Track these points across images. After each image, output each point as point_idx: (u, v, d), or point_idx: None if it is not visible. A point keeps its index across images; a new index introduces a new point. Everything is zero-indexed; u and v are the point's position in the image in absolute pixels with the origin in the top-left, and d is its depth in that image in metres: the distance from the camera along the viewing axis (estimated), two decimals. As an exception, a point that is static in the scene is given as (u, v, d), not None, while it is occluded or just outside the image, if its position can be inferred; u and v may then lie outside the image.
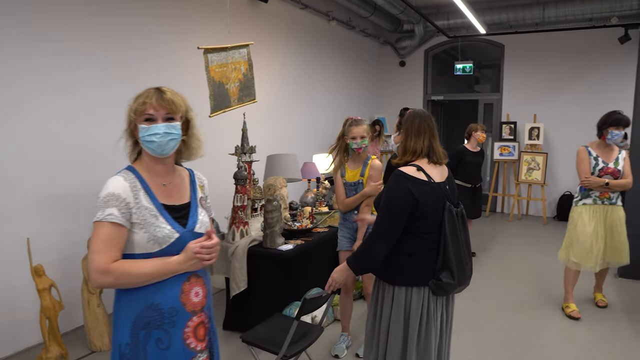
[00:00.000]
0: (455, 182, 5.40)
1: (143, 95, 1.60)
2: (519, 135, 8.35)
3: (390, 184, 2.18)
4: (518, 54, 8.43)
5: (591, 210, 3.94)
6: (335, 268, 2.33)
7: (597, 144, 3.94)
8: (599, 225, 3.91)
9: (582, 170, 3.90)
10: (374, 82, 9.17)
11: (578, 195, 4.06)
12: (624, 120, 3.76)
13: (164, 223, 1.60)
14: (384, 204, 2.18)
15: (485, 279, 5.02)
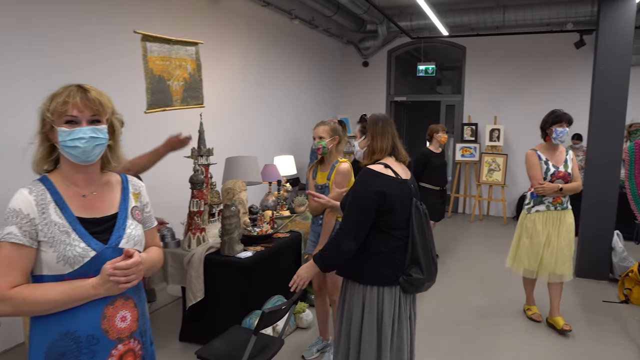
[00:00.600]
0: (423, 185, 5.41)
1: (63, 94, 1.38)
2: (480, 137, 8.45)
3: (357, 180, 2.23)
4: (479, 56, 8.53)
5: (545, 218, 3.75)
6: (302, 265, 2.32)
7: (545, 147, 3.78)
8: (552, 232, 3.73)
9: (534, 176, 3.70)
10: (337, 82, 9.10)
11: (530, 202, 3.84)
12: (565, 117, 3.63)
13: (76, 240, 1.38)
14: (351, 200, 2.21)
15: (449, 281, 5.01)
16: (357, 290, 2.25)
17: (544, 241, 3.72)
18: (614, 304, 4.50)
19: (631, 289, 4.53)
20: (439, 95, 9.08)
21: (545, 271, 3.76)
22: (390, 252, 2.21)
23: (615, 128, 4.98)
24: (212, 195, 3.58)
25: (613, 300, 4.60)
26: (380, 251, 2.20)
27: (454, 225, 7.84)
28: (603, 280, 5.07)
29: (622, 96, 4.94)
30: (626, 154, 3.32)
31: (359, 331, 2.24)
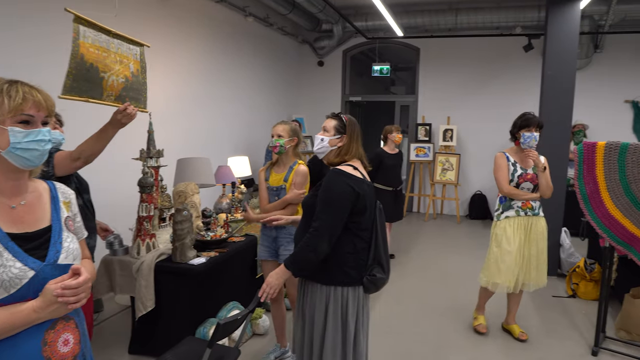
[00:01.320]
0: (377, 185, 5.40)
1: (18, 90, 1.24)
2: (434, 137, 8.58)
3: (328, 181, 2.20)
4: (433, 57, 8.66)
5: (515, 224, 3.53)
6: (270, 272, 2.25)
7: (515, 150, 3.62)
8: (524, 240, 3.53)
9: (501, 178, 3.54)
10: (292, 82, 9.01)
11: (499, 208, 3.63)
12: (534, 121, 3.47)
13: (10, 260, 1.22)
14: (324, 201, 2.17)
15: (405, 282, 5.03)
16: (319, 292, 2.21)
17: (515, 249, 3.49)
18: (562, 299, 4.64)
19: (578, 284, 4.69)
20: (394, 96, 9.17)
21: (519, 283, 3.56)
22: (357, 252, 2.21)
23: (562, 129, 5.15)
24: (162, 199, 3.42)
25: (562, 295, 4.75)
26: (349, 252, 2.19)
27: (409, 224, 7.92)
28: (552, 276, 5.21)
29: (568, 99, 5.12)
30: (575, 154, 3.40)
31: (321, 334, 2.21)
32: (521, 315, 4.11)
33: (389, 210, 5.42)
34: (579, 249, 5.41)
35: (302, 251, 2.18)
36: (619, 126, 7.96)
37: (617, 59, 7.88)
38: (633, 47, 7.80)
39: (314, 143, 2.39)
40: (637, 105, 7.86)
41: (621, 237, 3.30)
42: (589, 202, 3.36)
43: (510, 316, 3.83)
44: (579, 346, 3.67)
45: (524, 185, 3.52)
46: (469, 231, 7.51)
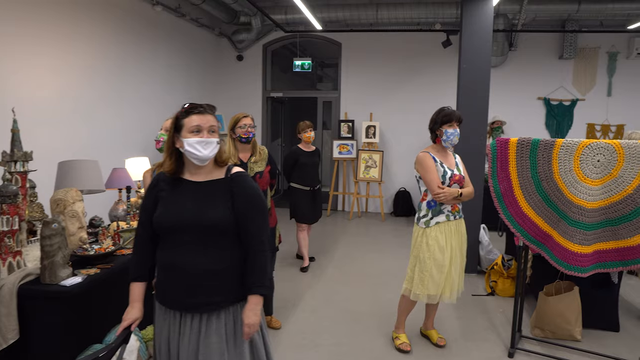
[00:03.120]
0: (293, 185, 5.10)
1: None
2: (357, 134, 8.44)
3: (258, 189, 2.12)
4: (355, 52, 8.51)
5: (445, 230, 3.24)
6: (246, 310, 1.98)
7: (436, 149, 3.32)
8: (455, 246, 3.28)
9: (433, 180, 3.17)
10: (210, 77, 8.52)
11: (427, 213, 3.25)
12: (455, 115, 3.23)
13: None
14: (263, 211, 2.07)
15: (323, 287, 4.79)
16: (240, 310, 2.03)
17: (449, 257, 3.23)
18: (481, 297, 4.59)
19: (496, 281, 4.66)
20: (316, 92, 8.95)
21: (448, 291, 3.29)
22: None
23: (479, 124, 5.12)
24: (32, 210, 2.93)
25: (481, 293, 4.70)
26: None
27: (333, 224, 7.73)
28: (472, 274, 5.19)
29: (484, 94, 5.11)
30: (489, 151, 3.28)
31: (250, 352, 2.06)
32: (440, 317, 3.98)
33: (306, 211, 5.18)
34: (497, 244, 5.42)
35: (266, 270, 2.03)
36: (533, 122, 8.21)
37: (530, 57, 8.11)
38: (544, 45, 8.06)
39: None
40: (548, 101, 8.13)
41: (534, 235, 3.22)
42: (503, 200, 3.26)
43: (429, 321, 3.66)
44: (496, 348, 3.58)
45: (454, 187, 3.25)
46: (393, 229, 7.43)
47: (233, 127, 3.45)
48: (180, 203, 1.97)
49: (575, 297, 3.63)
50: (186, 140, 1.93)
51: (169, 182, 2.02)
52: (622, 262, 3.04)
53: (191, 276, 1.93)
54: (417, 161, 3.29)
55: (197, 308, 1.95)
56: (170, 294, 1.97)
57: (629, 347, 3.61)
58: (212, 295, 1.95)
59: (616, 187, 2.95)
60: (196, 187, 2.00)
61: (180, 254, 1.94)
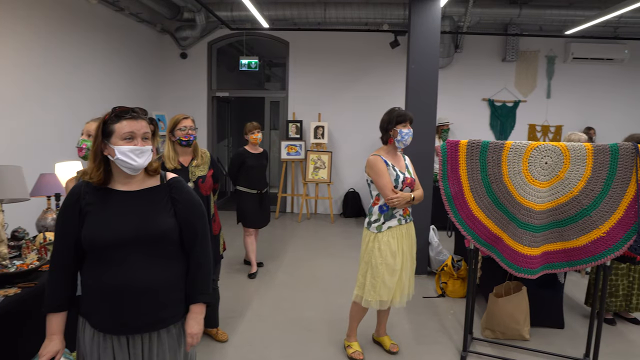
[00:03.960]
0: (240, 189, 4.90)
1: None
2: (305, 134, 8.32)
3: (193, 192, 2.04)
4: (303, 52, 8.38)
5: (397, 234, 3.16)
6: (189, 319, 1.90)
7: (386, 151, 3.21)
8: (405, 249, 3.21)
9: (386, 185, 3.07)
10: (152, 76, 8.13)
11: (379, 218, 3.15)
12: (408, 116, 3.15)
13: None
14: (204, 214, 1.98)
15: (274, 294, 4.62)
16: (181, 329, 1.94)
17: (400, 262, 3.16)
18: (432, 299, 4.57)
19: (447, 283, 4.66)
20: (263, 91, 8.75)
21: (399, 296, 3.22)
22: None
23: (427, 125, 5.11)
24: (-62, 222, 2.61)
25: (431, 295, 4.68)
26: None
27: (282, 226, 7.56)
28: (422, 275, 5.18)
29: (432, 94, 5.11)
30: (440, 153, 3.23)
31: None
32: (392, 321, 3.92)
33: (254, 215, 4.99)
34: (446, 244, 5.44)
35: (210, 277, 1.95)
36: (478, 123, 8.38)
37: (475, 59, 8.27)
38: (488, 48, 8.25)
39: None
40: (492, 103, 8.33)
41: (484, 238, 3.20)
42: (454, 203, 3.22)
43: (381, 327, 3.57)
44: (448, 351, 3.55)
45: (406, 190, 3.16)
46: (343, 230, 7.36)
47: (172, 129, 3.24)
48: (118, 216, 1.77)
49: (523, 298, 3.66)
50: (118, 148, 1.73)
51: (95, 193, 1.80)
52: (569, 262, 3.06)
53: (138, 294, 1.75)
54: (369, 165, 3.17)
55: (148, 327, 1.79)
56: (113, 319, 1.76)
57: (573, 344, 3.69)
58: (162, 311, 1.81)
59: (563, 189, 2.96)
60: (132, 197, 1.82)
61: (122, 272, 1.74)
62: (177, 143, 3.21)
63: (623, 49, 8.01)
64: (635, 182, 2.84)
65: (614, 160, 2.87)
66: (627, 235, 2.89)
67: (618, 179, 2.87)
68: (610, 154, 2.87)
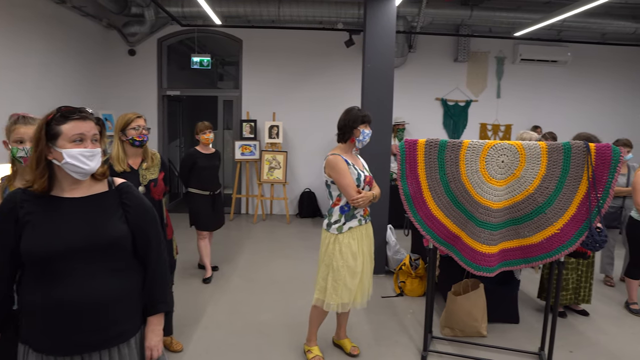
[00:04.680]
0: (192, 191, 4.72)
1: None
2: (260, 134, 8.18)
3: (144, 197, 1.91)
4: (257, 50, 8.23)
5: (357, 235, 3.09)
6: (147, 331, 1.81)
7: (344, 150, 3.15)
8: (365, 250, 3.16)
9: (350, 185, 2.99)
10: (98, 74, 7.74)
11: (340, 219, 3.06)
12: (368, 117, 3.13)
13: None
14: (156, 220, 1.88)
15: (230, 298, 4.47)
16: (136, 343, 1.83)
17: (361, 263, 3.09)
18: (391, 299, 4.56)
19: (405, 282, 4.66)
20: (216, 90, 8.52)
21: (360, 297, 3.16)
22: None
23: (384, 124, 5.10)
24: None
25: (390, 294, 4.67)
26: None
27: (237, 228, 7.39)
28: (380, 274, 5.17)
29: (388, 93, 5.10)
30: (398, 152, 3.20)
31: None
32: (351, 323, 3.87)
33: (207, 217, 4.83)
34: (404, 243, 5.46)
35: (167, 285, 1.85)
36: (432, 122, 8.51)
37: (428, 59, 8.39)
38: (440, 48, 8.38)
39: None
40: (446, 102, 8.46)
41: (443, 237, 3.20)
42: (413, 202, 3.20)
43: (341, 330, 3.50)
44: (408, 351, 3.53)
45: (366, 189, 3.11)
46: (299, 231, 7.28)
47: (124, 128, 3.02)
48: (65, 225, 1.62)
49: (481, 295, 3.69)
50: (67, 152, 1.59)
51: (36, 202, 1.63)
52: (525, 259, 3.10)
53: (91, 309, 1.61)
54: (329, 165, 3.08)
55: (105, 344, 1.65)
56: (63, 339, 1.60)
57: (528, 338, 3.76)
58: (119, 325, 1.69)
59: (519, 187, 3.00)
60: (80, 204, 1.68)
61: (71, 286, 1.59)
62: (129, 143, 3.00)
63: (566, 51, 8.33)
64: (586, 179, 2.90)
65: (567, 159, 2.92)
66: (579, 231, 2.95)
67: (571, 176, 2.93)
68: (564, 153, 2.93)
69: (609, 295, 4.86)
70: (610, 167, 2.85)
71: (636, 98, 8.88)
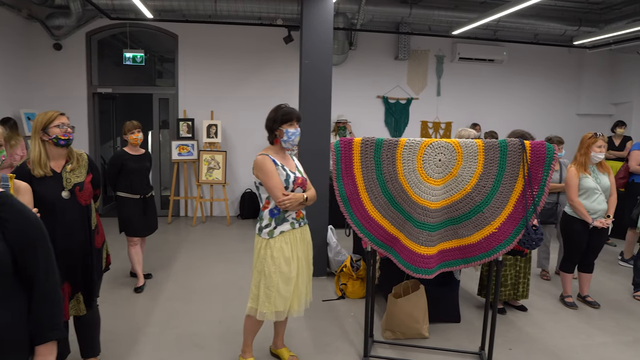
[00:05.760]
0: (120, 194, 4.39)
1: None
2: (198, 133, 7.85)
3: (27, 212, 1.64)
4: (193, 46, 7.90)
5: (290, 239, 2.92)
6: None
7: (275, 150, 2.99)
8: (301, 256, 2.98)
9: (276, 187, 2.82)
10: (20, 70, 7.17)
11: (270, 222, 2.89)
12: (295, 114, 2.94)
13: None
14: (45, 237, 1.64)
15: (163, 308, 4.19)
16: None
17: (295, 269, 2.92)
18: (332, 302, 4.43)
19: (346, 284, 4.55)
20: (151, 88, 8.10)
21: (296, 305, 2.99)
22: None
23: (322, 122, 4.96)
24: None
25: (331, 297, 4.54)
26: None
27: (175, 232, 7.05)
28: (322, 277, 5.04)
29: (326, 91, 4.96)
30: (333, 151, 3.06)
31: None
32: (290, 330, 3.70)
33: (138, 222, 4.53)
34: (345, 243, 5.36)
35: (60, 309, 1.61)
36: (374, 120, 8.48)
37: (369, 57, 8.35)
38: (381, 46, 8.37)
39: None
40: (387, 100, 8.46)
41: (382, 239, 3.09)
42: (349, 204, 3.07)
43: (278, 339, 3.32)
44: (349, 357, 3.40)
45: (297, 191, 2.95)
46: (240, 233, 7.03)
47: (46, 126, 2.66)
48: None
49: (422, 296, 3.62)
50: None
51: None
52: (464, 259, 3.05)
53: None
54: (256, 166, 2.90)
55: None
56: None
57: (469, 337, 3.74)
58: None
59: (456, 186, 2.93)
60: None
61: None
62: (52, 143, 2.64)
63: (502, 50, 8.53)
64: (522, 177, 2.87)
65: (503, 157, 2.88)
66: (516, 229, 2.93)
67: (507, 174, 2.89)
68: (500, 150, 2.88)
69: (545, 288, 4.96)
70: (545, 164, 2.83)
71: (565, 96, 9.24)
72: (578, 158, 4.27)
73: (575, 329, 3.98)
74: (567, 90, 9.22)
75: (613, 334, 3.92)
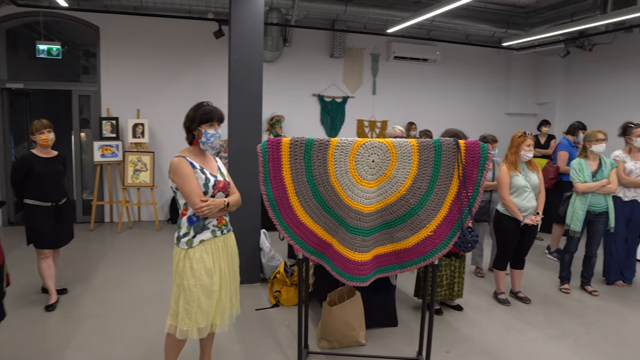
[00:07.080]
0: (28, 202, 3.92)
1: None
2: (122, 133, 7.35)
3: None
4: (117, 40, 7.38)
5: (212, 248, 2.68)
6: None
7: (194, 152, 2.74)
8: (223, 266, 2.73)
9: (193, 192, 2.58)
10: None
11: (189, 231, 2.64)
12: (216, 114, 2.70)
13: None
14: None
15: (78, 328, 3.77)
16: None
17: (218, 281, 2.67)
18: (266, 311, 4.20)
19: (280, 291, 4.33)
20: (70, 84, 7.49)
21: (219, 319, 2.74)
22: None
23: (252, 121, 4.72)
24: None
25: (265, 305, 4.31)
26: None
27: (98, 240, 6.54)
28: (255, 284, 4.80)
29: (257, 86, 4.71)
30: (260, 153, 2.83)
31: None
32: (219, 345, 3.44)
33: (48, 233, 4.09)
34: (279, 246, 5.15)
35: None
36: (309, 118, 8.31)
37: (304, 54, 8.17)
38: (316, 43, 8.21)
39: None
40: (322, 98, 8.32)
41: (313, 245, 2.90)
42: (278, 209, 2.86)
43: (205, 357, 3.03)
44: (281, 372, 3.20)
45: (219, 196, 2.71)
46: (170, 239, 6.62)
47: None
48: None
49: (357, 303, 3.48)
50: None
51: None
52: (400, 264, 2.93)
53: None
54: (171, 169, 2.63)
55: None
56: None
57: (407, 342, 3.65)
58: None
59: (390, 188, 2.79)
60: None
61: None
62: None
63: (436, 50, 8.63)
64: (457, 178, 2.78)
65: (438, 157, 2.78)
66: (452, 232, 2.83)
67: (442, 175, 2.79)
68: (434, 150, 2.78)
69: (479, 286, 4.99)
70: (479, 164, 2.75)
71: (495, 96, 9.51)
72: (509, 157, 4.29)
73: (508, 326, 4.00)
74: (496, 90, 9.49)
75: (543, 328, 3.98)
